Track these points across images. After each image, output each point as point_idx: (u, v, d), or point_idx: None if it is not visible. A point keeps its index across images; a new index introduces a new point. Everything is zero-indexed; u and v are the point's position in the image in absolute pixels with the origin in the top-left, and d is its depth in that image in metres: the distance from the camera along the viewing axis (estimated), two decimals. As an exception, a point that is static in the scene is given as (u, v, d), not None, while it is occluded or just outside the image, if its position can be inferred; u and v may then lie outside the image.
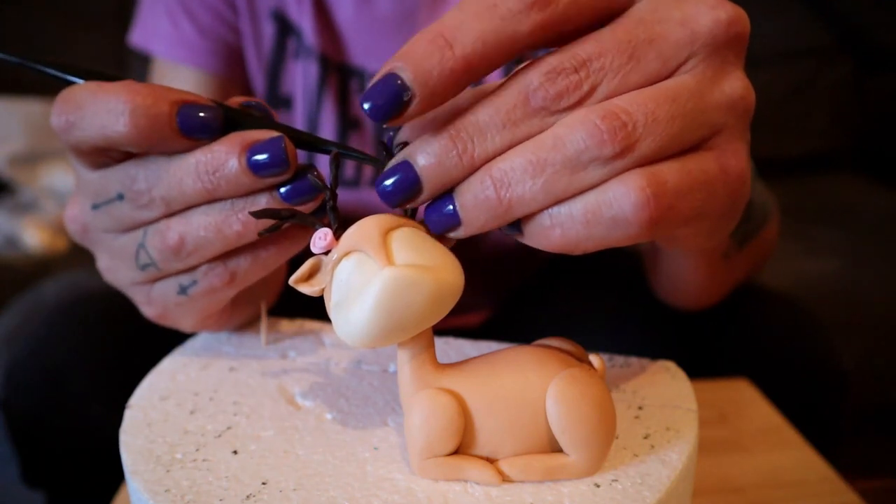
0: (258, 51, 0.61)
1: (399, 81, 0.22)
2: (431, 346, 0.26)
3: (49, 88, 1.50)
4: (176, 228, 0.28)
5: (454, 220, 0.23)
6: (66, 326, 0.55)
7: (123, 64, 1.56)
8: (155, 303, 0.32)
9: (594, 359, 0.26)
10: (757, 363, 0.55)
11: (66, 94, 0.28)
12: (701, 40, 0.23)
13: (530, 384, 0.25)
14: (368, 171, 0.61)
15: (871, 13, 1.58)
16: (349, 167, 0.61)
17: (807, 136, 1.57)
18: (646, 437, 0.28)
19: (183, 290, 0.30)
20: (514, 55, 0.22)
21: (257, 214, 0.26)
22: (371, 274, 0.23)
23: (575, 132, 0.22)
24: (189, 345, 0.36)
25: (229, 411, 0.30)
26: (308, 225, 0.26)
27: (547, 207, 0.23)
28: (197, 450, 0.28)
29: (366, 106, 0.22)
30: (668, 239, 0.30)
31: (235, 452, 0.28)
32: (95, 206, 0.30)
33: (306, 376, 0.33)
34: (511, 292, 0.71)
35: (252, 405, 0.31)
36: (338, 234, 0.25)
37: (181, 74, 0.61)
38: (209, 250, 0.28)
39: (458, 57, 0.21)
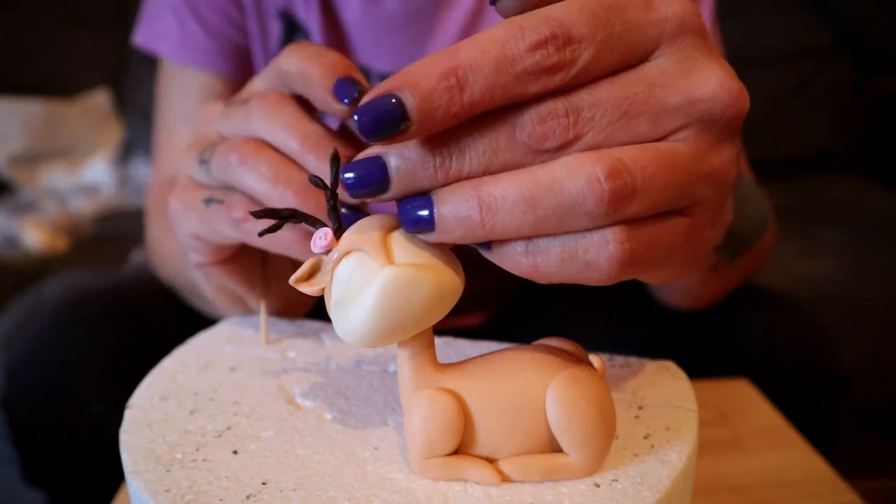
0: (265, 51, 0.61)
1: (399, 106, 0.21)
2: (431, 345, 0.26)
3: (49, 88, 1.50)
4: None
5: (428, 226, 0.23)
6: (67, 325, 0.55)
7: (123, 64, 1.56)
8: (183, 200, 0.34)
9: (594, 359, 0.26)
10: (757, 363, 0.55)
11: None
12: (696, 114, 0.23)
13: (530, 384, 0.25)
14: None
15: (871, 13, 1.58)
16: None
17: (807, 136, 1.57)
18: (646, 437, 0.28)
19: (207, 202, 0.33)
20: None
21: (258, 214, 0.26)
22: (371, 273, 0.23)
23: (575, 180, 0.22)
24: (189, 345, 0.36)
25: (229, 411, 0.30)
26: (309, 224, 0.26)
27: (534, 238, 0.23)
28: (197, 450, 0.28)
29: (357, 119, 0.21)
30: None
31: (235, 452, 0.28)
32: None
33: (306, 376, 0.33)
34: (511, 294, 0.71)
35: (252, 405, 0.31)
36: (338, 234, 0.25)
37: (189, 76, 0.61)
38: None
39: (464, 103, 0.21)
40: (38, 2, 1.56)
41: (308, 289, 0.26)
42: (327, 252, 0.25)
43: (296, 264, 0.36)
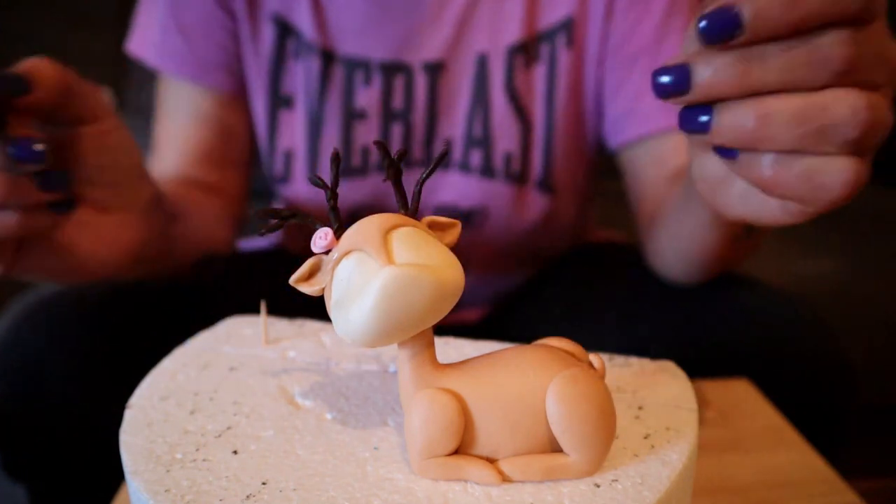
0: (257, 54, 0.61)
1: (736, 17, 0.25)
2: (432, 345, 0.26)
3: (49, 88, 1.50)
4: None
5: (704, 129, 0.28)
6: (42, 317, 0.55)
7: (123, 64, 1.56)
8: None
9: (594, 359, 0.26)
10: (757, 363, 0.55)
11: None
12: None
13: (530, 384, 0.25)
14: (374, 158, 0.62)
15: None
16: (356, 155, 0.62)
17: (807, 136, 1.57)
18: (646, 437, 0.28)
19: None
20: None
21: (258, 214, 0.26)
22: (371, 273, 0.23)
23: (844, 106, 0.26)
24: (189, 345, 0.36)
25: (229, 411, 0.30)
26: (308, 224, 0.26)
27: (790, 151, 0.27)
28: (197, 450, 0.28)
29: (701, 25, 0.26)
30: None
31: (235, 452, 0.28)
32: None
33: (306, 376, 0.33)
34: (509, 290, 0.71)
35: (252, 405, 0.31)
36: (338, 234, 0.25)
37: (177, 87, 0.63)
38: None
39: (792, 20, 0.25)
40: (39, 2, 1.56)
41: (308, 289, 0.26)
42: (327, 252, 0.25)
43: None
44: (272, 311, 0.38)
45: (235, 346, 0.36)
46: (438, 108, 0.61)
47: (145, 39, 0.63)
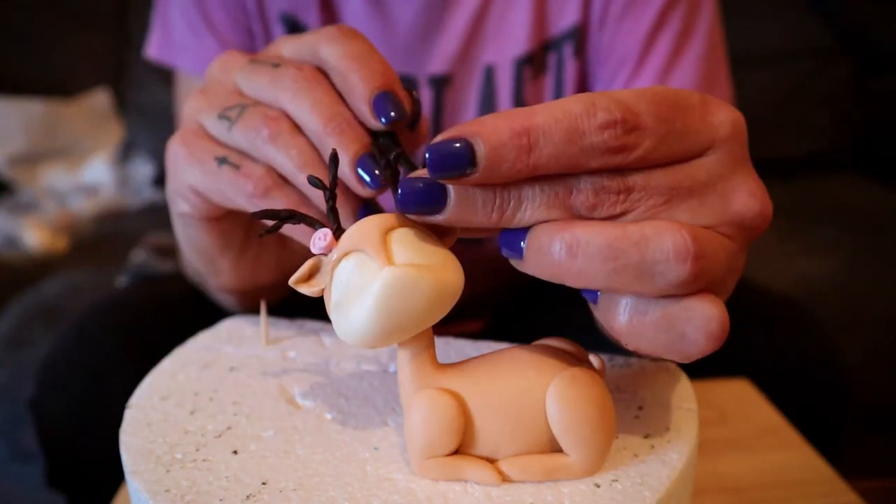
0: None
1: (469, 152, 0.22)
2: (432, 346, 0.26)
3: (49, 89, 1.50)
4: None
5: (518, 256, 0.24)
6: (100, 329, 0.53)
7: (124, 64, 1.56)
8: (191, 147, 0.34)
9: (594, 359, 0.27)
10: (757, 363, 0.55)
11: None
12: (730, 215, 0.25)
13: (530, 384, 0.25)
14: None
15: (871, 13, 1.58)
16: None
17: (807, 136, 1.57)
18: (646, 437, 0.28)
19: (220, 161, 0.33)
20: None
21: (257, 215, 0.26)
22: (371, 274, 0.23)
23: (664, 241, 0.23)
24: (189, 345, 0.36)
25: (229, 411, 0.30)
26: (308, 224, 0.26)
27: (606, 290, 0.25)
28: (197, 450, 0.28)
29: (428, 156, 0.23)
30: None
31: (235, 452, 0.28)
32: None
33: (306, 376, 0.33)
34: (512, 298, 0.70)
35: (252, 405, 0.31)
36: (338, 235, 0.25)
37: None
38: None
39: (529, 164, 0.23)
40: (38, 2, 1.56)
41: (308, 290, 0.26)
42: (327, 253, 0.25)
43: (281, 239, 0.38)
44: (272, 312, 0.38)
45: (235, 346, 0.36)
46: (443, 121, 0.60)
47: (176, 44, 0.61)
